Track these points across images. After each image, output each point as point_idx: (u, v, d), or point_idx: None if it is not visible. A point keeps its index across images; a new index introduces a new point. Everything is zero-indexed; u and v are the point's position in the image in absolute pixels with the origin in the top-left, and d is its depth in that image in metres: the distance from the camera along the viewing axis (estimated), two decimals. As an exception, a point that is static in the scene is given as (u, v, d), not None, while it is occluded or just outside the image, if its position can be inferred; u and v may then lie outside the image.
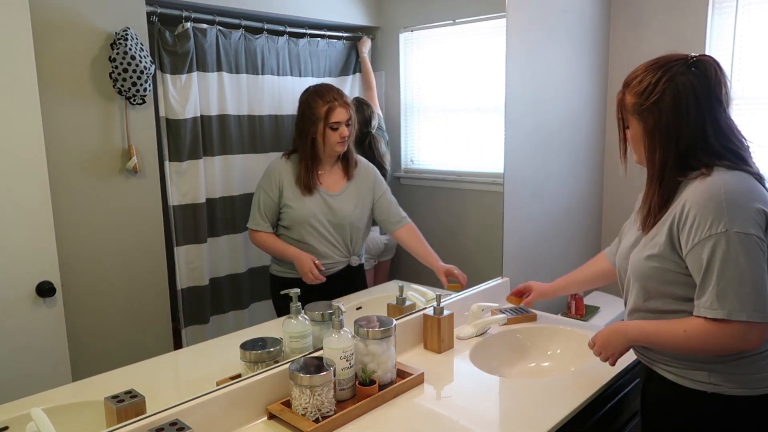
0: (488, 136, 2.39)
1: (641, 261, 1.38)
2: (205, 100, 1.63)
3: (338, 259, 1.92)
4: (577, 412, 1.52)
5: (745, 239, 1.22)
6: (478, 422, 1.46)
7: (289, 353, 1.58)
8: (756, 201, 1.25)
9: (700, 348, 1.30)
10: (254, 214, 1.81)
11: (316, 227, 1.86)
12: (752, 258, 1.22)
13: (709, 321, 1.24)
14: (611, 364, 1.48)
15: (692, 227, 1.26)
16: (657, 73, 1.33)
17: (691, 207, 1.27)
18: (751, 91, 2.55)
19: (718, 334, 1.24)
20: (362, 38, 2.04)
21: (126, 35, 1.38)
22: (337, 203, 1.90)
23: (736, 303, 1.21)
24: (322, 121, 1.81)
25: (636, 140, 1.39)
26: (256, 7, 1.73)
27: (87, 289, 1.38)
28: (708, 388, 1.34)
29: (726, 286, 1.22)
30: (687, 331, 1.28)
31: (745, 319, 1.21)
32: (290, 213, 1.83)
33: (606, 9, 2.89)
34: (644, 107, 1.33)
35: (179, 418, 1.27)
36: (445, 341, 1.86)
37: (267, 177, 1.82)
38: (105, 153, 1.40)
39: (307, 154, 1.84)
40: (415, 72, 2.22)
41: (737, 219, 1.22)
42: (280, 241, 1.85)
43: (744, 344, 1.24)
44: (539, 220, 2.61)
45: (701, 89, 1.30)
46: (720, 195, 1.25)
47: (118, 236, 1.44)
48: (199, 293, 1.66)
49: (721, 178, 1.28)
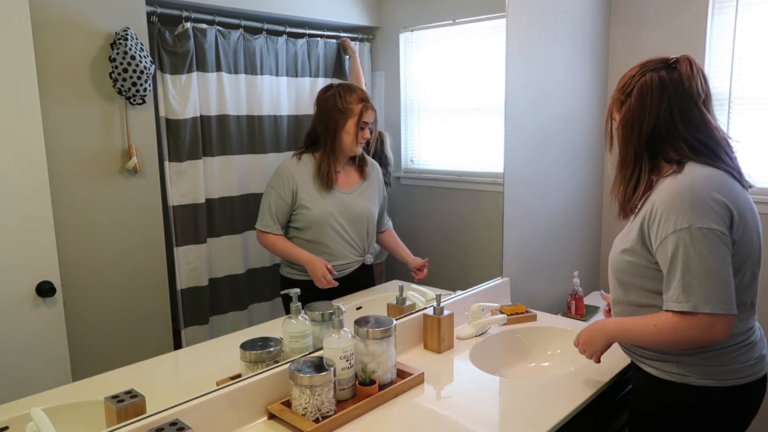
0: (488, 136, 2.39)
1: (617, 255, 1.46)
2: (204, 100, 1.63)
3: (354, 258, 1.93)
4: (577, 412, 1.52)
5: (708, 234, 1.27)
6: (478, 422, 1.46)
7: (289, 353, 1.58)
8: (722, 196, 1.30)
9: (671, 341, 1.35)
10: (264, 216, 1.79)
11: (334, 226, 1.86)
12: (715, 252, 1.27)
13: (677, 314, 1.30)
14: (595, 361, 1.56)
15: (659, 224, 1.32)
16: (637, 70, 1.44)
17: (659, 204, 1.34)
18: (751, 91, 2.55)
19: (686, 327, 1.29)
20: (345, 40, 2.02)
21: (126, 35, 1.38)
22: (353, 200, 1.91)
23: (701, 296, 1.26)
24: (354, 118, 1.83)
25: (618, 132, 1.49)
26: (256, 7, 1.73)
27: (87, 289, 1.38)
28: (677, 378, 1.41)
29: (691, 279, 1.27)
30: (657, 326, 1.34)
31: (710, 311, 1.26)
32: (307, 214, 1.82)
33: (606, 9, 2.89)
34: (620, 100, 1.45)
35: (179, 418, 1.27)
36: (445, 341, 1.86)
37: (278, 178, 1.81)
38: (105, 153, 1.40)
39: (329, 149, 1.83)
40: (415, 72, 2.22)
41: (700, 215, 1.28)
42: (291, 244, 1.84)
43: (710, 336, 1.28)
44: (539, 220, 2.61)
45: (670, 83, 1.38)
46: (684, 192, 1.31)
47: (118, 236, 1.44)
48: (199, 293, 1.66)
49: (689, 176, 1.34)
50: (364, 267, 1.98)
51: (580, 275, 2.74)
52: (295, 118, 1.87)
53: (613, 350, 1.82)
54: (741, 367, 1.40)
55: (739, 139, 2.57)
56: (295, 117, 1.87)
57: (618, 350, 1.81)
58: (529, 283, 2.56)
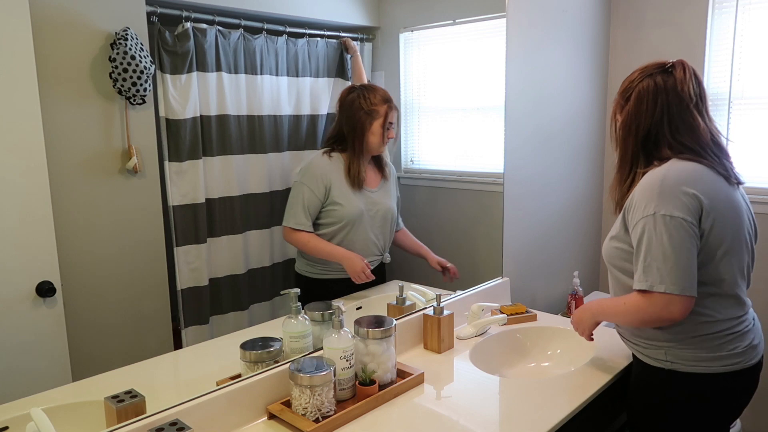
0: (488, 136, 2.39)
1: (607, 242, 1.58)
2: (204, 100, 1.63)
3: (375, 257, 1.96)
4: (577, 412, 1.52)
5: (670, 221, 1.37)
6: (478, 422, 1.46)
7: (289, 353, 1.58)
8: (692, 189, 1.40)
9: (635, 318, 1.46)
10: (296, 213, 1.79)
11: (363, 224, 1.89)
12: (675, 237, 1.37)
13: (638, 293, 1.41)
14: (587, 338, 1.67)
15: (634, 211, 1.44)
16: (637, 75, 1.54)
17: (636, 193, 1.46)
18: (751, 91, 2.55)
19: (644, 305, 1.40)
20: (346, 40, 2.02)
21: (126, 35, 1.38)
22: (379, 198, 1.96)
23: (657, 276, 1.37)
24: (381, 119, 1.86)
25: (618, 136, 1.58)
26: (256, 7, 1.73)
27: (87, 289, 1.38)
28: (665, 365, 1.49)
29: (651, 261, 1.38)
30: (626, 304, 1.47)
31: (664, 290, 1.36)
32: (339, 210, 1.84)
33: (606, 9, 2.89)
34: (621, 104, 1.56)
35: (179, 418, 1.27)
36: (445, 341, 1.86)
37: (311, 174, 1.82)
38: (105, 153, 1.40)
39: (357, 150, 1.87)
40: (415, 72, 2.22)
41: (666, 202, 1.38)
42: (324, 241, 1.85)
43: (667, 314, 1.38)
44: (539, 220, 2.61)
45: (664, 88, 1.48)
46: (656, 182, 1.42)
47: (118, 236, 1.44)
48: (199, 293, 1.66)
49: (666, 168, 1.45)
50: (382, 265, 2.02)
51: (580, 275, 2.74)
52: (295, 118, 1.87)
53: (612, 349, 1.83)
54: (727, 354, 1.45)
55: (739, 139, 2.59)
56: (295, 117, 1.87)
57: (618, 350, 1.81)
58: (529, 283, 2.56)
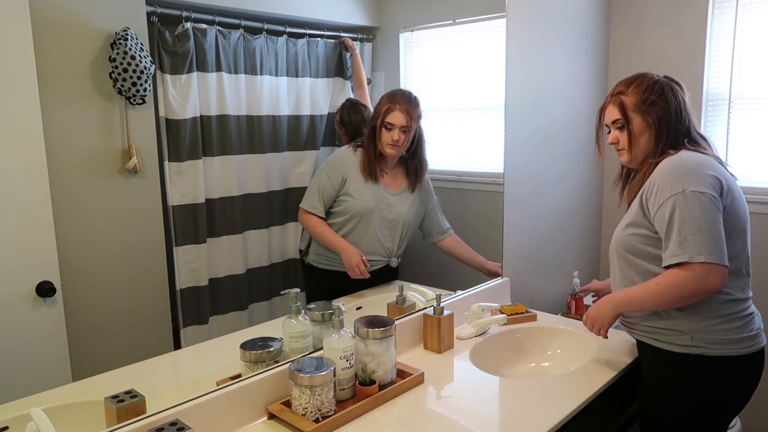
0: (488, 136, 2.39)
1: (620, 232, 1.61)
2: (204, 100, 1.63)
3: (380, 258, 1.97)
4: (577, 412, 1.52)
5: (701, 196, 1.43)
6: (478, 422, 1.46)
7: (289, 353, 1.58)
8: (711, 170, 1.48)
9: (672, 295, 1.46)
10: (312, 196, 1.85)
11: (372, 221, 1.92)
12: (707, 211, 1.42)
13: (675, 268, 1.44)
14: (603, 336, 1.65)
15: (657, 193, 1.49)
16: (650, 78, 1.60)
17: (656, 178, 1.51)
18: (751, 91, 2.55)
19: (683, 278, 1.42)
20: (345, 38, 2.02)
21: (126, 35, 1.38)
22: (395, 201, 1.99)
23: (695, 248, 1.41)
24: (380, 119, 1.92)
25: (639, 134, 1.60)
26: (256, 7, 1.73)
27: (87, 289, 1.38)
28: (691, 350, 1.51)
29: (687, 234, 1.42)
30: (659, 283, 1.47)
31: (704, 260, 1.39)
32: (350, 202, 1.88)
33: (606, 9, 2.89)
34: (651, 101, 1.57)
35: (179, 418, 1.27)
36: (445, 341, 1.86)
37: (332, 163, 1.89)
38: (105, 153, 1.40)
39: (370, 145, 1.93)
40: (415, 72, 2.21)
41: (693, 180, 1.45)
42: (330, 229, 1.89)
43: (707, 285, 1.41)
44: (539, 220, 2.61)
45: (682, 92, 1.61)
46: (677, 165, 1.50)
47: (118, 236, 1.44)
48: (199, 293, 1.66)
49: (682, 155, 1.53)
50: (390, 268, 2.03)
51: (579, 275, 2.74)
52: (295, 118, 1.87)
53: (612, 349, 1.82)
54: (747, 336, 1.51)
55: (739, 139, 2.59)
56: (295, 117, 1.87)
57: (618, 349, 1.81)
58: (529, 283, 2.56)
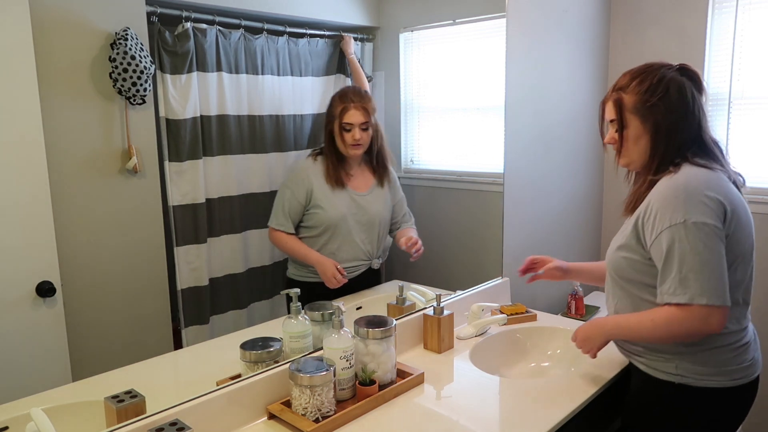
0: (488, 136, 2.39)
1: (613, 252, 1.50)
2: (204, 100, 1.63)
3: (361, 262, 1.95)
4: (577, 412, 1.52)
5: (703, 228, 1.30)
6: (478, 422, 1.46)
7: (289, 353, 1.58)
8: (715, 193, 1.34)
9: (668, 334, 1.36)
10: (278, 214, 1.81)
11: (347, 228, 1.88)
12: (710, 246, 1.30)
13: (673, 307, 1.32)
14: (592, 356, 1.57)
15: (654, 220, 1.36)
16: (656, 74, 1.42)
17: (655, 202, 1.37)
18: (751, 91, 2.55)
19: (682, 318, 1.31)
20: (345, 38, 2.01)
21: (126, 35, 1.38)
22: (366, 202, 1.94)
23: (697, 288, 1.29)
24: (337, 120, 1.84)
25: (635, 139, 1.45)
26: (256, 7, 1.73)
27: (87, 289, 1.38)
28: (675, 378, 1.42)
29: (687, 272, 1.30)
30: (654, 320, 1.36)
31: (706, 302, 1.28)
32: (321, 214, 1.84)
33: (606, 9, 2.89)
34: (651, 103, 1.40)
35: (179, 418, 1.27)
36: (445, 341, 1.86)
37: (294, 177, 1.84)
38: (105, 153, 1.40)
39: (330, 150, 1.87)
40: (415, 72, 2.22)
41: (695, 210, 1.31)
42: (301, 244, 1.86)
43: (706, 327, 1.30)
44: (539, 220, 2.61)
45: (695, 90, 1.42)
46: (680, 189, 1.34)
47: (118, 236, 1.44)
48: (199, 293, 1.66)
49: (684, 174, 1.37)
50: (371, 271, 1.99)
51: (580, 275, 2.73)
52: (295, 117, 1.87)
53: (612, 349, 1.82)
54: (738, 368, 1.41)
55: (739, 139, 2.59)
56: (296, 117, 1.87)
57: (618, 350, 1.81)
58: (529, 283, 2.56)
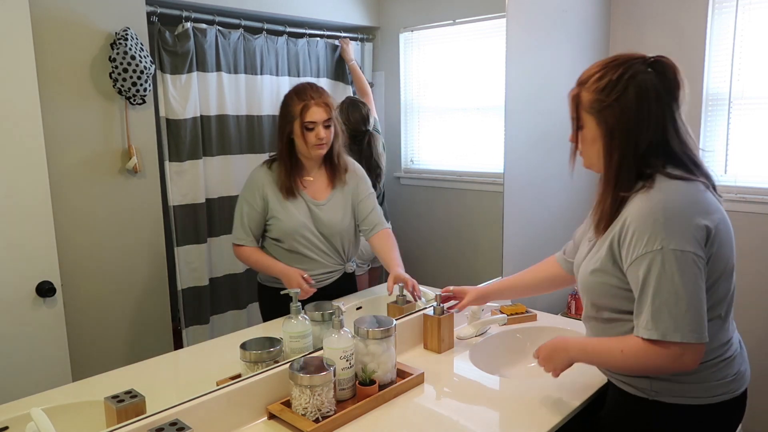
0: (488, 136, 2.39)
1: (587, 275, 1.36)
2: (204, 100, 1.63)
3: (334, 267, 1.86)
4: (577, 412, 1.52)
5: (681, 257, 1.18)
6: (478, 422, 1.46)
7: (289, 353, 1.58)
8: (696, 215, 1.21)
9: (638, 368, 1.29)
10: (237, 228, 1.72)
11: (308, 237, 1.78)
12: (687, 276, 1.18)
13: (645, 341, 1.22)
14: (554, 376, 1.47)
15: (630, 243, 1.23)
16: (618, 69, 1.27)
17: (631, 223, 1.24)
18: (751, 91, 2.55)
19: (654, 355, 1.21)
20: (344, 45, 1.97)
21: (126, 35, 1.38)
22: (324, 213, 1.80)
23: (670, 323, 1.18)
24: (297, 120, 1.70)
25: (591, 141, 1.35)
26: (256, 7, 1.73)
27: (87, 289, 1.38)
28: (649, 395, 1.33)
29: (661, 305, 1.19)
30: (624, 351, 1.26)
31: (680, 340, 1.18)
32: (279, 225, 1.75)
33: (606, 9, 2.89)
34: (605, 104, 1.27)
35: (179, 418, 1.27)
36: (445, 341, 1.86)
37: (249, 187, 1.74)
38: (105, 153, 1.40)
39: (286, 155, 1.74)
40: (415, 72, 2.22)
41: (673, 235, 1.19)
42: (265, 256, 1.77)
43: (679, 365, 1.21)
44: (539, 220, 2.61)
45: (662, 88, 1.25)
46: (657, 211, 1.21)
47: (119, 236, 1.44)
48: (199, 293, 1.66)
49: (661, 192, 1.23)
50: (347, 275, 1.91)
51: (580, 275, 2.74)
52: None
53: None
54: (716, 384, 1.31)
55: (739, 139, 2.58)
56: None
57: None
58: (529, 283, 2.56)
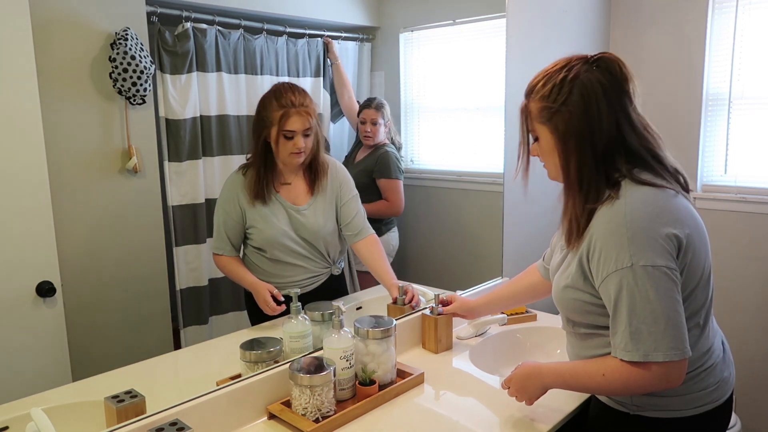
0: (488, 136, 2.39)
1: (560, 290, 1.32)
2: (204, 100, 1.63)
3: (320, 271, 1.82)
4: (577, 412, 1.52)
5: (653, 272, 1.14)
6: (478, 422, 1.46)
7: (289, 353, 1.58)
8: (664, 225, 1.16)
9: (623, 390, 1.24)
10: (216, 237, 1.67)
11: (289, 246, 1.72)
12: (662, 291, 1.14)
13: (626, 363, 1.17)
14: (528, 405, 1.41)
15: (599, 260, 1.19)
16: (560, 73, 1.26)
17: (597, 239, 1.19)
18: (751, 91, 2.55)
19: (638, 377, 1.17)
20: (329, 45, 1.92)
21: (126, 35, 1.38)
22: (305, 218, 1.73)
23: (650, 343, 1.14)
24: (275, 127, 1.61)
25: (548, 151, 1.31)
26: (256, 7, 1.74)
27: (87, 289, 1.38)
28: (631, 409, 1.30)
29: (639, 324, 1.15)
30: (606, 375, 1.22)
31: (662, 359, 1.14)
32: (258, 234, 1.69)
33: (606, 9, 2.89)
34: (553, 110, 1.24)
35: (179, 418, 1.27)
36: (445, 341, 1.86)
37: (224, 196, 1.67)
38: (105, 153, 1.40)
39: (260, 160, 1.65)
40: (415, 72, 2.22)
41: (643, 250, 1.14)
42: (238, 266, 1.70)
43: (666, 384, 1.17)
44: (539, 220, 2.61)
45: (609, 85, 1.22)
46: (623, 223, 1.16)
47: (118, 236, 1.44)
48: (199, 293, 1.66)
49: (627, 203, 1.18)
50: (333, 277, 1.86)
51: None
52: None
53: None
54: (699, 395, 1.27)
55: (739, 139, 2.58)
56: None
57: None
58: (529, 283, 2.56)
